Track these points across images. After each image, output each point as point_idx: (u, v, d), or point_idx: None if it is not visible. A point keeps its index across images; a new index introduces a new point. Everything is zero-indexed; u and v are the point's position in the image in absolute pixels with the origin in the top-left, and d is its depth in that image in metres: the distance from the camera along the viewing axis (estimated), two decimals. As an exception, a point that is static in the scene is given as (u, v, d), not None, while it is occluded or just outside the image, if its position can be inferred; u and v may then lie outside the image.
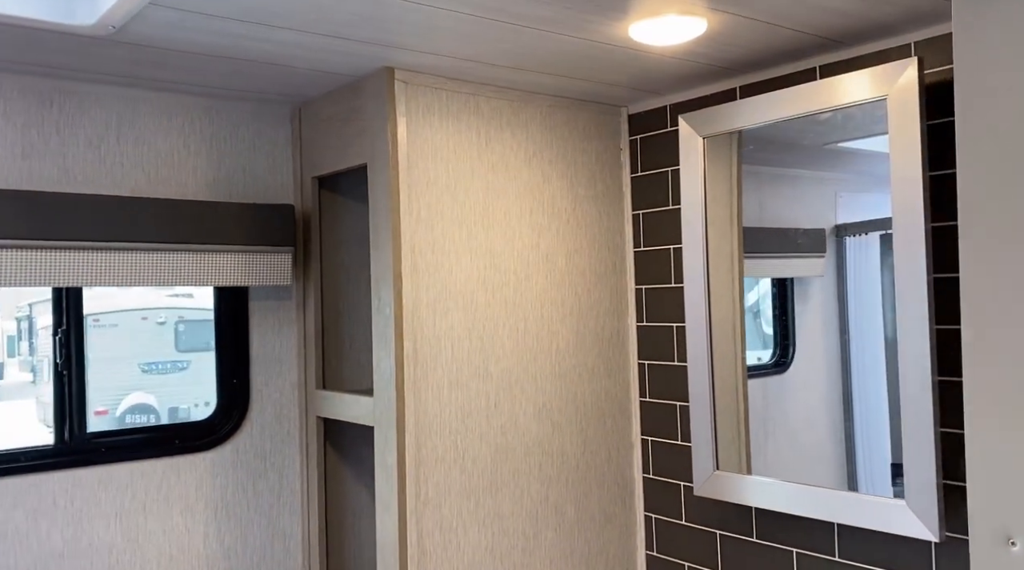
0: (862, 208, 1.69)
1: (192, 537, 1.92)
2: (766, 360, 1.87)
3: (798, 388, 1.78)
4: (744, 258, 1.85)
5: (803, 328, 1.80)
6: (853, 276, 1.73)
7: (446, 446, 1.81)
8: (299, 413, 2.08)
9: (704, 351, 1.85)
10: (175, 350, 5.79)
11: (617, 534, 2.10)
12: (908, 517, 1.46)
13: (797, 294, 1.83)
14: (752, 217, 1.85)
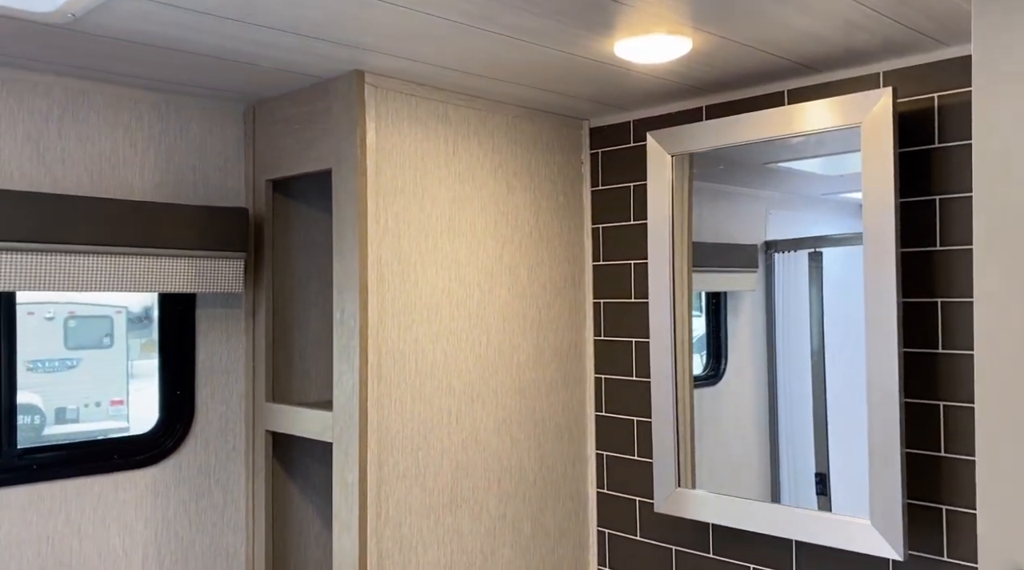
0: (790, 225, 1.75)
1: (130, 560, 1.79)
2: (699, 372, 1.89)
3: (729, 400, 1.82)
4: (692, 273, 1.87)
5: (735, 341, 1.84)
6: (781, 291, 1.77)
7: (408, 463, 1.75)
8: (246, 427, 1.98)
9: (668, 367, 1.85)
10: (64, 347, 5.50)
11: (571, 549, 2.09)
12: (873, 536, 1.49)
13: (729, 308, 1.87)
14: (692, 232, 1.88)
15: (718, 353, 1.90)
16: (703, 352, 1.90)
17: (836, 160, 1.65)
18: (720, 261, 1.85)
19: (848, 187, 1.64)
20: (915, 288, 1.56)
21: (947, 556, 1.50)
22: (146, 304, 4.15)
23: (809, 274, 1.74)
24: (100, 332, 5.09)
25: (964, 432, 1.49)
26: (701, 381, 1.89)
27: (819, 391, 1.68)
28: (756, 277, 1.82)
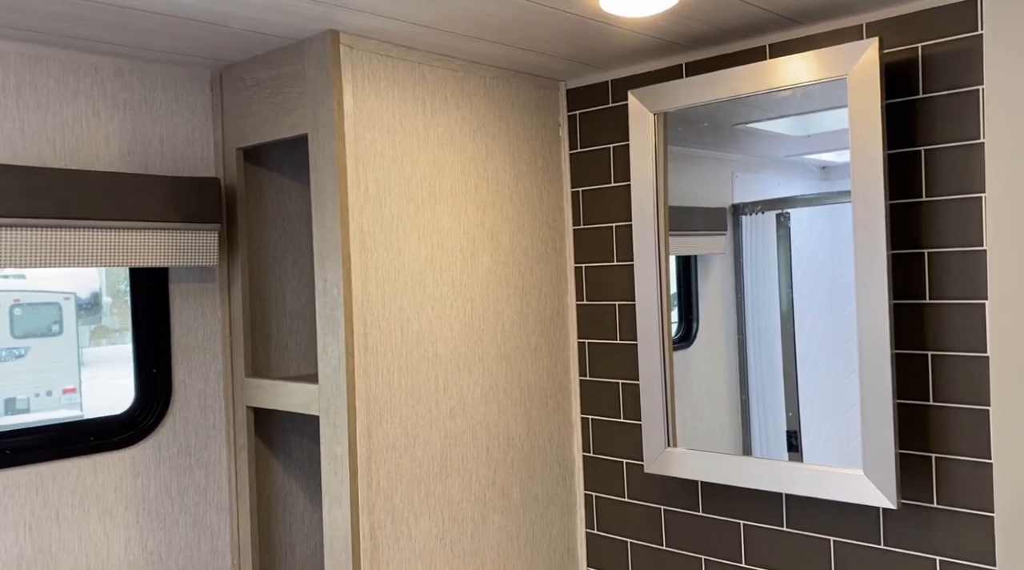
0: (756, 188, 1.75)
1: (112, 543, 1.74)
2: (672, 335, 1.90)
3: (701, 362, 1.83)
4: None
5: (705, 304, 1.85)
6: (749, 253, 1.78)
7: (397, 433, 1.72)
8: (226, 404, 1.93)
9: (656, 327, 1.85)
10: (11, 336, 5.34)
11: (559, 514, 2.08)
12: (866, 486, 1.51)
13: (700, 271, 1.87)
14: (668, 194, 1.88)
15: (689, 316, 1.90)
16: (675, 316, 1.90)
17: (803, 120, 1.66)
18: (690, 224, 1.85)
19: (813, 148, 1.65)
20: (901, 240, 1.57)
21: (937, 503, 1.53)
22: (94, 290, 4.02)
23: (777, 235, 1.75)
24: (48, 319, 4.94)
25: (952, 381, 1.51)
26: (674, 344, 1.89)
27: (788, 351, 1.69)
28: (725, 240, 1.82)
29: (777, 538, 1.75)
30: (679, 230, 1.86)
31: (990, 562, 1.47)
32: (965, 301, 1.49)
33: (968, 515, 1.49)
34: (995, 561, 1.47)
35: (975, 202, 1.48)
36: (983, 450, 1.47)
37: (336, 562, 1.66)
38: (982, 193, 1.46)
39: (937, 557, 1.53)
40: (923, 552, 1.54)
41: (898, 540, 1.58)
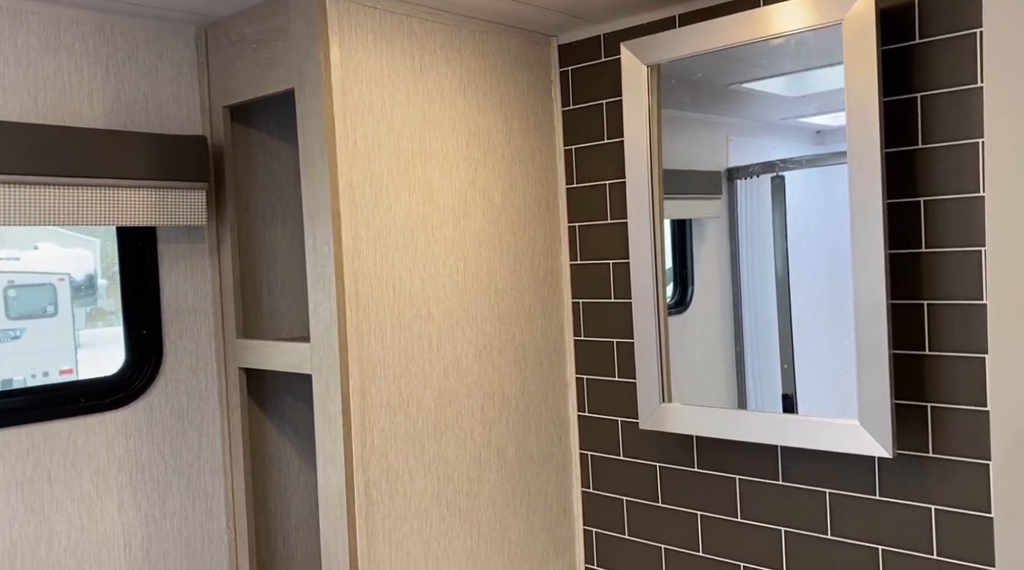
0: (751, 152, 1.74)
1: (105, 504, 1.73)
2: (668, 300, 1.89)
3: (696, 327, 1.82)
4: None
5: (701, 269, 1.84)
6: (745, 217, 1.76)
7: (391, 391, 1.71)
8: (218, 366, 1.91)
9: (650, 283, 1.83)
10: (6, 317, 5.32)
11: (554, 473, 2.08)
12: (862, 436, 1.51)
13: (695, 236, 1.86)
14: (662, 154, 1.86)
15: (685, 280, 1.89)
16: (670, 280, 1.89)
17: (798, 81, 1.63)
18: (684, 188, 1.83)
19: (808, 110, 1.63)
20: (897, 188, 1.55)
21: (932, 452, 1.53)
22: (89, 272, 4.00)
23: (772, 198, 1.73)
24: (43, 301, 4.92)
25: (948, 330, 1.50)
26: (670, 309, 1.87)
27: (784, 312, 1.68)
28: (720, 203, 1.80)
29: (773, 492, 1.75)
30: (674, 193, 1.84)
31: (985, 510, 1.47)
32: (962, 249, 1.48)
33: (963, 463, 1.49)
34: (990, 508, 1.47)
35: (972, 148, 1.46)
36: (979, 398, 1.47)
37: (331, 520, 1.66)
38: (980, 138, 1.45)
39: (932, 506, 1.53)
40: (919, 501, 1.55)
41: (893, 490, 1.58)
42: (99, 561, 1.72)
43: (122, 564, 1.76)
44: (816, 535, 1.69)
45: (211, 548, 1.90)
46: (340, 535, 1.64)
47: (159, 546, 1.81)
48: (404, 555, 1.72)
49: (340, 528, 1.64)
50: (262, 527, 1.98)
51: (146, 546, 1.79)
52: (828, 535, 1.67)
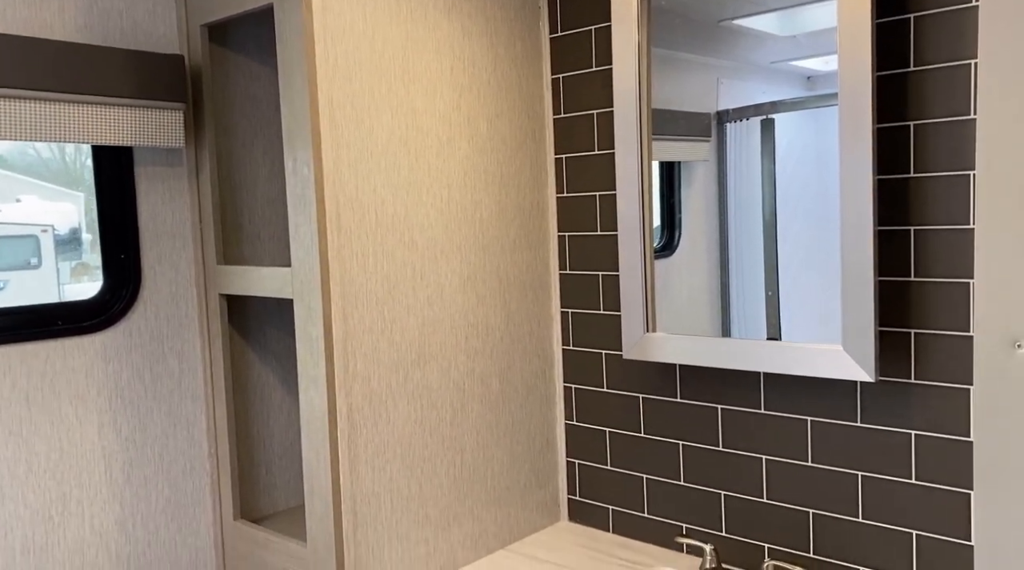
0: (741, 95, 1.71)
1: (85, 428, 1.72)
2: (655, 245, 1.87)
3: (683, 272, 1.81)
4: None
5: (688, 213, 1.82)
6: (733, 161, 1.74)
7: (373, 317, 1.70)
8: (198, 293, 1.89)
9: (636, 213, 1.81)
10: None
11: (538, 405, 2.09)
12: (844, 360, 1.51)
13: (683, 180, 1.84)
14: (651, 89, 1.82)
15: (672, 224, 1.87)
16: (658, 226, 1.87)
17: (790, 19, 1.60)
18: (674, 129, 1.80)
19: (800, 52, 1.60)
20: (887, 112, 1.53)
21: (914, 378, 1.53)
22: (73, 225, 3.95)
23: (762, 142, 1.70)
24: (26, 252, 4.87)
25: (935, 255, 1.50)
26: (657, 253, 1.86)
27: (771, 261, 1.67)
28: (709, 147, 1.77)
29: (754, 421, 1.76)
30: (663, 134, 1.81)
31: (964, 434, 1.48)
32: (951, 173, 1.47)
33: (944, 389, 1.50)
34: (969, 432, 1.48)
35: (964, 69, 1.43)
36: (962, 323, 1.47)
37: (313, 443, 1.66)
38: (972, 59, 1.42)
39: (912, 431, 1.54)
40: (899, 427, 1.56)
41: (874, 417, 1.58)
42: (79, 483, 1.72)
43: (103, 487, 1.75)
44: (797, 462, 1.70)
45: (193, 475, 1.90)
46: (322, 458, 1.64)
47: (140, 471, 1.81)
48: (387, 480, 1.72)
49: (322, 451, 1.64)
50: (244, 455, 1.97)
51: (127, 471, 1.79)
52: (809, 462, 1.68)
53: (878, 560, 1.60)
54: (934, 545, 1.53)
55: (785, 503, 1.72)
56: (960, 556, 1.50)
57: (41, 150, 1.76)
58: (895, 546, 1.58)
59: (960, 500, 1.49)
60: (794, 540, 1.71)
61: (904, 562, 1.57)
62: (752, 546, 1.78)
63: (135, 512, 1.81)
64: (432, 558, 1.81)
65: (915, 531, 1.55)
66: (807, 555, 1.70)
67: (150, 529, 1.83)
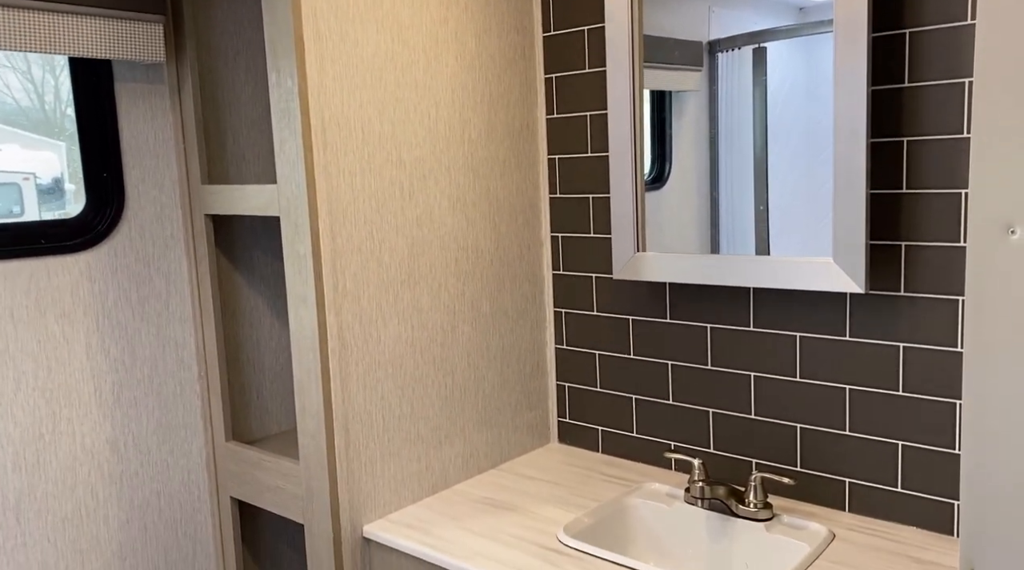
0: (733, 24, 1.67)
1: (72, 347, 1.71)
2: (644, 176, 1.85)
3: (673, 205, 1.79)
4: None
5: (679, 144, 1.80)
6: (725, 91, 1.71)
7: (362, 236, 1.68)
8: (183, 213, 1.86)
9: (627, 132, 1.79)
10: None
11: (529, 330, 2.09)
12: (835, 272, 1.51)
13: (674, 110, 1.81)
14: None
15: (663, 155, 1.84)
16: (648, 156, 1.84)
17: None
18: (665, 57, 1.77)
19: None
20: (882, 21, 1.50)
21: (904, 291, 1.53)
22: (56, 174, 3.91)
23: (753, 71, 1.67)
24: (8, 200, 4.80)
25: (926, 166, 1.48)
26: (647, 186, 1.84)
27: (761, 193, 1.66)
28: (700, 77, 1.74)
29: (743, 339, 1.77)
30: (654, 62, 1.78)
31: (952, 344, 1.49)
32: (947, 81, 1.45)
33: (933, 300, 1.50)
34: (956, 343, 1.49)
35: (964, -26, 1.40)
36: (953, 234, 1.47)
37: (304, 362, 1.65)
38: (973, -38, 1.39)
39: (901, 344, 1.55)
40: (887, 340, 1.56)
41: (863, 330, 1.59)
42: (69, 402, 1.71)
43: (92, 407, 1.75)
44: (785, 378, 1.71)
45: (183, 397, 1.90)
46: (313, 376, 1.64)
47: (130, 392, 1.81)
48: (379, 398, 1.72)
49: (313, 369, 1.63)
50: (235, 379, 1.97)
51: (116, 391, 1.79)
52: (797, 378, 1.70)
53: (863, 471, 1.63)
54: (919, 455, 1.55)
55: (773, 419, 1.74)
56: (944, 464, 1.53)
57: (20, 99, 1.71)
58: (881, 457, 1.60)
59: (946, 410, 1.51)
60: (781, 455, 1.74)
61: (889, 472, 1.59)
62: (740, 461, 1.81)
63: (126, 432, 1.81)
64: (424, 476, 1.82)
65: (901, 442, 1.57)
66: (794, 469, 1.72)
67: (142, 450, 1.84)
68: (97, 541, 1.78)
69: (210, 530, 1.96)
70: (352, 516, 1.68)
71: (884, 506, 1.61)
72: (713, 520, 1.68)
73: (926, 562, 1.44)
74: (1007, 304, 0.84)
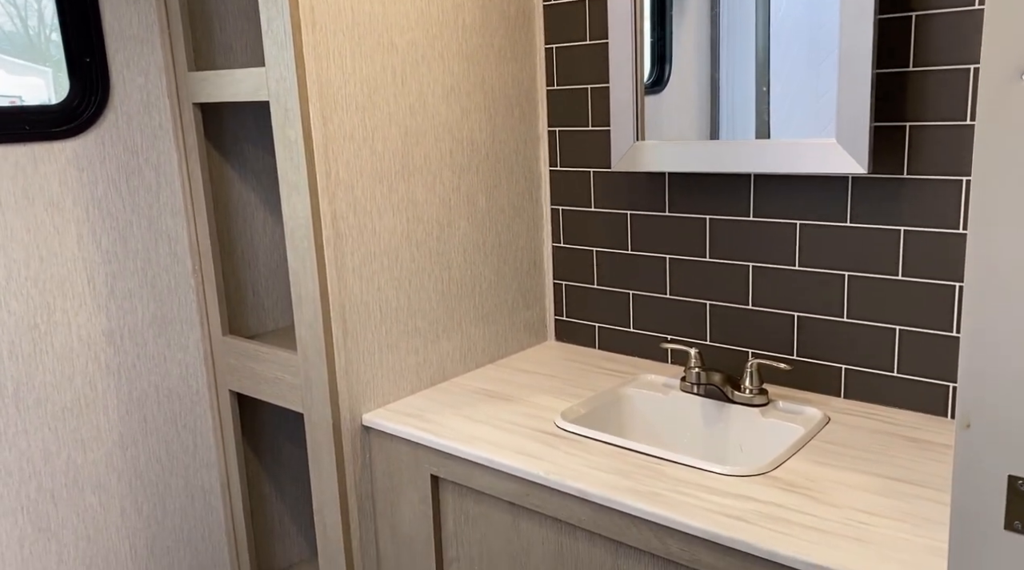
0: None
1: (63, 237, 1.69)
2: (645, 80, 1.79)
3: (673, 108, 1.74)
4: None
5: (679, 45, 1.73)
6: None
7: (354, 123, 1.64)
8: (171, 103, 1.81)
9: (628, 17, 1.73)
10: None
11: (525, 227, 2.07)
12: (837, 153, 1.48)
13: (675, 9, 1.73)
14: None
15: (663, 57, 1.78)
16: (648, 58, 1.78)
17: None
18: None
19: None
20: None
21: (907, 173, 1.51)
22: (43, 100, 3.85)
23: None
24: None
25: (935, 42, 1.44)
26: (647, 89, 1.78)
27: (763, 73, 1.60)
28: None
29: (742, 229, 1.75)
30: None
31: (954, 226, 1.47)
32: (960, -51, 1.39)
33: (937, 182, 1.48)
34: (959, 225, 1.47)
35: None
36: (959, 113, 1.43)
37: (298, 250, 1.63)
38: None
39: (902, 228, 1.53)
40: (888, 224, 1.55)
41: (864, 215, 1.57)
42: (63, 293, 1.70)
43: (87, 298, 1.74)
44: (784, 267, 1.70)
45: (178, 291, 1.89)
46: (309, 265, 1.62)
47: (124, 284, 1.79)
48: (375, 290, 1.71)
49: (308, 258, 1.62)
50: (230, 274, 1.96)
51: (110, 283, 1.77)
52: (796, 266, 1.69)
53: (860, 357, 1.63)
54: (916, 338, 1.55)
55: (770, 308, 1.74)
56: (941, 347, 1.53)
57: (4, 24, 1.64)
58: (878, 342, 1.60)
59: (946, 293, 1.50)
60: (778, 344, 1.74)
61: (886, 357, 1.60)
62: (736, 352, 1.81)
63: (122, 325, 1.80)
64: (423, 368, 1.83)
65: (898, 326, 1.57)
66: (790, 357, 1.73)
67: (138, 342, 1.83)
68: (98, 431, 1.79)
69: (210, 423, 1.98)
70: (351, 405, 1.69)
71: (880, 391, 1.62)
72: (708, 407, 1.70)
73: (919, 441, 1.46)
74: (1018, 144, 0.81)
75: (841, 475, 1.34)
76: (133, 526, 1.87)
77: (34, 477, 1.70)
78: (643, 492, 1.31)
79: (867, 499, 1.26)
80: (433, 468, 1.60)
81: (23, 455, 1.68)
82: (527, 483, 1.44)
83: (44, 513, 1.72)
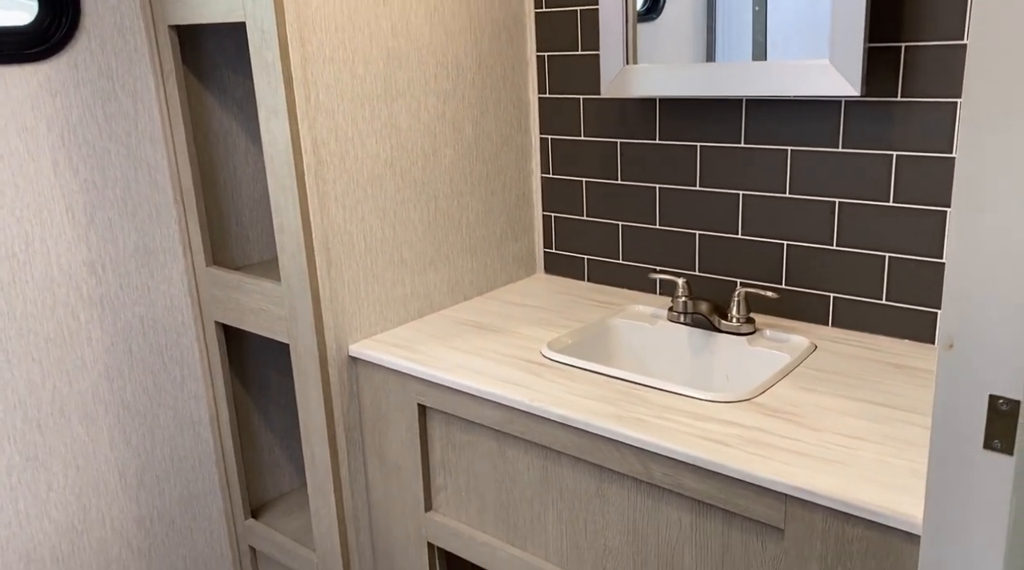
0: None
1: (39, 164, 1.65)
2: (639, 7, 1.72)
3: (667, 37, 1.68)
4: None
5: None
6: None
7: (333, 45, 1.58)
8: (145, 26, 1.75)
9: (617, -70, 1.66)
10: None
11: (513, 158, 2.03)
12: (830, 74, 1.44)
13: None
14: None
15: None
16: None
17: None
18: None
19: None
20: None
21: (900, 95, 1.47)
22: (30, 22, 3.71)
23: None
24: None
25: (936, -43, 1.39)
26: (640, 17, 1.72)
27: (758, 17, 1.54)
28: None
29: (734, 156, 1.71)
30: None
31: (947, 150, 1.44)
32: None
33: (930, 104, 1.44)
34: (951, 149, 1.44)
35: None
36: (956, 31, 1.39)
37: (279, 178, 1.60)
38: None
39: (894, 152, 1.50)
40: (880, 149, 1.51)
41: (856, 141, 1.54)
42: (40, 221, 1.67)
43: (66, 228, 1.71)
44: (774, 195, 1.68)
45: (160, 221, 1.86)
46: (290, 193, 1.59)
47: (104, 213, 1.76)
48: (359, 219, 1.68)
49: (289, 185, 1.59)
50: (212, 204, 1.93)
51: (90, 212, 1.74)
52: (786, 194, 1.66)
53: (848, 285, 1.62)
54: (905, 265, 1.54)
55: (759, 237, 1.72)
56: (929, 273, 1.52)
57: None
58: (867, 270, 1.59)
59: (935, 218, 1.48)
60: (766, 273, 1.72)
61: (874, 285, 1.58)
62: (724, 282, 1.80)
63: (103, 255, 1.78)
64: (409, 300, 1.81)
65: (888, 254, 1.55)
66: (778, 286, 1.72)
67: (120, 273, 1.81)
68: (83, 362, 1.78)
69: (196, 355, 1.98)
70: (337, 335, 1.68)
71: (867, 319, 1.61)
72: (695, 336, 1.69)
73: (905, 367, 1.46)
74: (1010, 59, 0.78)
75: (825, 400, 1.34)
76: (122, 456, 1.88)
77: (19, 407, 1.70)
78: (626, 418, 1.30)
79: (850, 423, 1.26)
80: (420, 397, 1.60)
81: (7, 385, 1.68)
82: (511, 411, 1.44)
83: (32, 442, 1.72)
